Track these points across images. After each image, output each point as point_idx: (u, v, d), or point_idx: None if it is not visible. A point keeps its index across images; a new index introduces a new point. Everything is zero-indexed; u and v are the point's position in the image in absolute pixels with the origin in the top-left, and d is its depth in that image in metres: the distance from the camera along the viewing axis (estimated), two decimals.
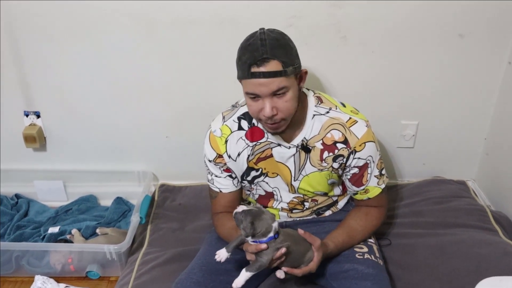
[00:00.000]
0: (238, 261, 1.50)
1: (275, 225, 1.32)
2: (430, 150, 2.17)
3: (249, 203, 1.70)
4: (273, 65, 1.27)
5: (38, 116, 2.11)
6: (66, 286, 1.83)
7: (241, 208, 1.35)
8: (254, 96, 1.32)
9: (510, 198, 1.98)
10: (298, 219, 1.64)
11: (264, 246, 1.30)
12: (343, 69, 1.96)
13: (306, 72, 1.38)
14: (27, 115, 2.10)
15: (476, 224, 1.85)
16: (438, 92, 2.01)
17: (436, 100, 2.03)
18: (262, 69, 1.27)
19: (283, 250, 1.30)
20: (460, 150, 2.17)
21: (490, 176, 2.13)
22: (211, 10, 1.83)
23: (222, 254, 1.35)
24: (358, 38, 1.88)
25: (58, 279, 1.86)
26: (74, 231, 2.00)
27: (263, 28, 1.34)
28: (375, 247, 1.56)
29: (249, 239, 1.32)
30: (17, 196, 2.29)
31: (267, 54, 1.26)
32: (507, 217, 1.94)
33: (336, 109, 1.47)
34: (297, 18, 1.84)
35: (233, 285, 1.31)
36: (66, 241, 1.97)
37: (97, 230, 2.01)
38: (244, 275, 1.31)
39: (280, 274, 1.41)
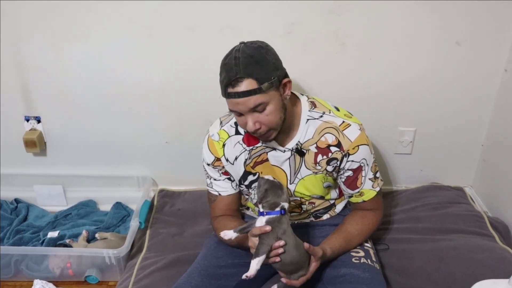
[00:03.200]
0: (237, 267, 1.51)
1: (284, 204, 1.36)
2: (428, 156, 2.18)
3: (247, 208, 1.71)
4: (247, 84, 1.29)
5: (39, 121, 2.12)
6: None
7: (268, 176, 1.41)
8: (237, 114, 1.36)
9: (507, 204, 1.99)
10: (296, 222, 1.65)
11: (268, 228, 1.32)
12: (341, 75, 1.97)
13: (289, 81, 1.39)
14: (27, 120, 2.12)
15: (473, 230, 1.86)
16: (435, 98, 2.02)
17: (434, 107, 2.05)
18: (236, 89, 1.29)
19: (281, 242, 1.33)
20: (457, 156, 2.18)
21: (487, 182, 2.14)
22: (211, 17, 1.85)
23: (228, 233, 1.39)
24: (356, 45, 1.90)
25: (57, 284, 1.87)
26: (84, 231, 2.02)
27: (243, 43, 1.35)
28: (371, 251, 1.57)
29: (260, 207, 1.37)
30: (17, 200, 2.30)
31: (240, 73, 1.28)
32: (504, 223, 1.95)
33: (330, 113, 1.49)
34: (296, 25, 1.86)
35: (244, 276, 1.32)
36: (65, 245, 1.97)
37: (96, 235, 2.02)
38: (253, 263, 1.33)
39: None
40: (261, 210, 1.37)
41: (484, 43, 1.90)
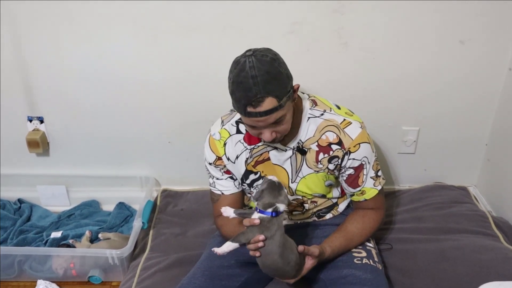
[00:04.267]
0: (241, 267, 1.51)
1: (279, 206, 1.34)
2: (431, 156, 2.17)
3: (250, 208, 1.71)
4: (269, 103, 1.27)
5: (42, 121, 2.12)
6: None
7: (272, 177, 1.39)
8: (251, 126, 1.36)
9: (511, 204, 1.98)
10: (299, 221, 1.65)
11: (257, 221, 1.32)
12: (344, 75, 1.97)
13: (298, 86, 1.39)
14: (30, 120, 2.12)
15: (477, 229, 1.86)
16: (439, 98, 2.02)
17: (437, 106, 2.04)
18: (258, 109, 1.28)
19: (261, 237, 1.31)
20: (461, 156, 2.17)
21: (491, 182, 2.14)
22: (214, 16, 1.85)
23: (229, 210, 1.40)
24: (359, 44, 1.90)
25: (60, 284, 1.88)
26: (87, 232, 2.02)
27: (251, 53, 1.28)
28: (373, 252, 1.56)
29: (255, 203, 1.37)
30: (20, 201, 2.30)
31: (260, 93, 1.25)
32: (508, 222, 1.94)
33: (331, 111, 1.49)
34: (299, 25, 1.85)
35: (212, 249, 1.35)
36: (68, 246, 1.97)
37: (100, 235, 2.02)
38: (227, 244, 1.35)
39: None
40: (256, 206, 1.37)
41: (488, 42, 1.89)
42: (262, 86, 1.25)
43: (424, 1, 1.80)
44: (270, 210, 1.33)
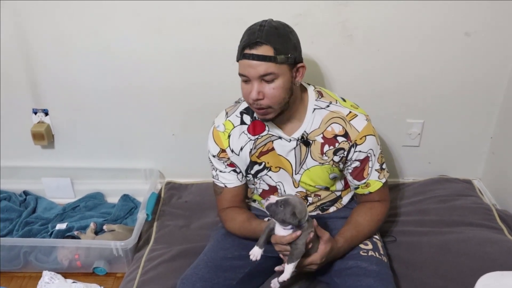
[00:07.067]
0: (244, 259, 1.51)
1: (307, 209, 1.35)
2: (436, 148, 2.17)
3: (254, 201, 1.71)
4: (264, 49, 1.31)
5: (46, 114, 2.13)
6: (73, 282, 1.85)
7: (274, 198, 1.32)
8: (245, 79, 1.36)
9: None
10: None
11: (299, 232, 1.31)
12: (349, 67, 1.96)
13: (304, 67, 1.40)
14: (35, 113, 2.13)
15: (482, 222, 1.85)
16: (444, 90, 2.01)
17: (442, 99, 2.03)
18: (253, 51, 1.31)
19: (311, 235, 1.33)
20: (466, 149, 2.16)
21: (496, 175, 2.13)
22: (218, 10, 1.85)
23: (255, 252, 1.35)
24: (363, 36, 1.89)
25: (65, 275, 1.89)
26: (92, 224, 2.03)
27: (271, 19, 1.39)
28: (379, 244, 1.56)
29: (288, 227, 1.33)
30: (25, 193, 2.32)
31: (261, 38, 1.31)
32: None
33: (337, 103, 1.49)
34: (303, 17, 1.85)
35: (280, 279, 1.34)
36: (73, 237, 1.98)
37: (104, 227, 2.03)
38: (289, 267, 1.32)
39: (274, 285, 1.39)
40: (290, 227, 1.33)
41: (494, 34, 1.87)
42: (264, 34, 1.32)
43: None
44: (307, 217, 1.33)
